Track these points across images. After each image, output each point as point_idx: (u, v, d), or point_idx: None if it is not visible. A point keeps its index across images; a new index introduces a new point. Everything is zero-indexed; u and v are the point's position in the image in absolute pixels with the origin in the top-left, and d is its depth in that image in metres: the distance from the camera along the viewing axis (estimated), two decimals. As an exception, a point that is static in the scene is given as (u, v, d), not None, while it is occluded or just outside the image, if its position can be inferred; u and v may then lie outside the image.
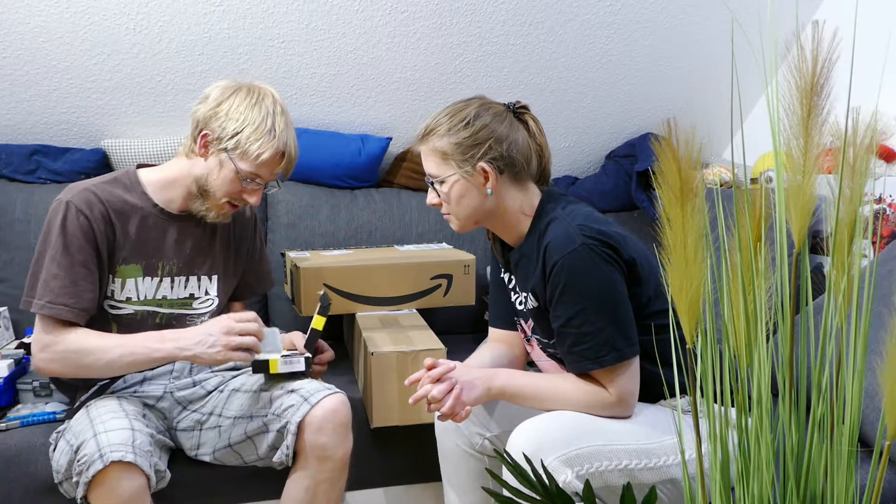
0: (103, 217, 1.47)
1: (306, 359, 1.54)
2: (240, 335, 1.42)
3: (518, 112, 1.43)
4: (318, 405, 1.45)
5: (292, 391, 1.49)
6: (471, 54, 2.34)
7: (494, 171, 1.36)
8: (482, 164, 1.35)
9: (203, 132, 1.48)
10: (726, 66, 2.48)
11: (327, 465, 1.46)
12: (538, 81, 2.44)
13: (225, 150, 1.47)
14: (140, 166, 1.59)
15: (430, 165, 1.40)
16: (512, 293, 1.51)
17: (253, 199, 1.53)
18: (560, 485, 1.23)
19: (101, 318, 1.51)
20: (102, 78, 2.16)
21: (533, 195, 1.43)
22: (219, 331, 1.42)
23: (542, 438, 1.26)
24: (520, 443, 1.27)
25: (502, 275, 1.55)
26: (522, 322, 1.50)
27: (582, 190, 2.53)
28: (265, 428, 1.48)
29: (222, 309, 1.67)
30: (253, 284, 1.77)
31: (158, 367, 1.56)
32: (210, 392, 1.60)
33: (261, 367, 1.51)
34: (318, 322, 1.58)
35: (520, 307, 1.48)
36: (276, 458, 1.48)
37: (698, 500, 0.79)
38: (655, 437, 1.30)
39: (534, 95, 2.48)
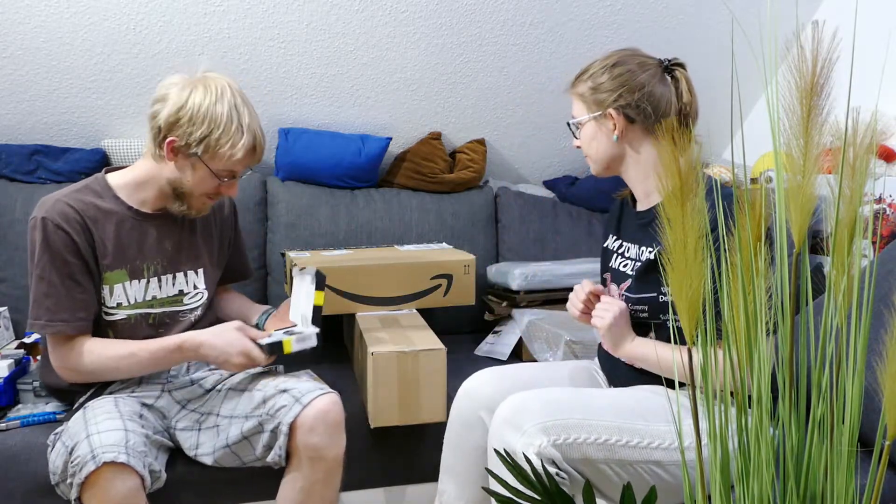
0: (81, 226, 1.47)
1: (317, 334, 1.54)
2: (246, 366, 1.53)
3: (671, 68, 1.45)
4: (310, 405, 1.45)
5: (285, 391, 1.49)
6: (471, 54, 2.34)
7: (622, 117, 1.40)
8: (611, 109, 1.40)
9: (169, 139, 1.46)
10: (726, 66, 2.48)
11: (320, 465, 1.47)
12: (538, 81, 2.44)
13: (196, 154, 1.46)
14: (108, 171, 1.58)
15: (574, 108, 1.48)
16: (618, 257, 1.53)
17: (231, 192, 1.55)
18: (536, 451, 1.24)
19: (97, 325, 1.51)
20: (102, 78, 2.16)
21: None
22: (238, 354, 1.49)
23: (524, 406, 1.30)
24: (503, 412, 1.31)
25: (611, 243, 1.57)
26: (615, 284, 1.52)
27: (582, 190, 2.53)
28: (261, 428, 1.48)
29: (212, 300, 1.69)
30: (238, 271, 1.83)
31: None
32: (208, 391, 1.60)
33: (275, 348, 1.51)
34: (319, 298, 1.58)
35: (623, 269, 1.50)
36: (269, 459, 1.48)
37: (698, 494, 0.79)
38: (644, 421, 1.31)
39: (534, 95, 2.48)
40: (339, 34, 2.22)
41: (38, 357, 1.87)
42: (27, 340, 1.89)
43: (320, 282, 1.59)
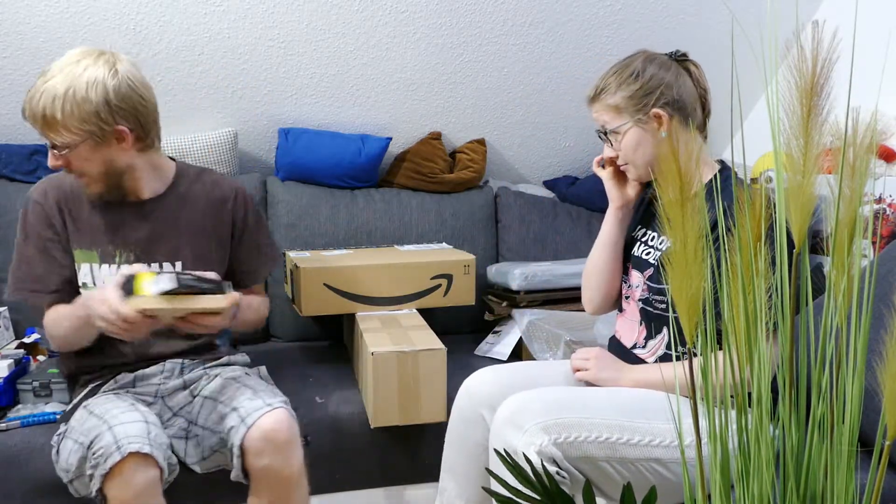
0: (56, 204, 1.53)
1: (177, 276, 1.32)
2: (113, 324, 1.33)
3: (679, 59, 1.48)
4: (255, 426, 1.38)
5: (234, 408, 1.44)
6: (471, 54, 2.34)
7: (667, 114, 1.41)
8: (655, 109, 1.41)
9: None
10: (726, 67, 2.48)
11: (277, 484, 1.42)
12: (538, 81, 2.44)
13: None
14: None
15: (604, 117, 1.47)
16: (641, 245, 1.54)
17: (49, 162, 1.44)
18: (537, 450, 1.24)
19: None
20: (102, 78, 2.16)
21: (705, 151, 1.51)
22: (105, 312, 1.32)
23: (525, 405, 1.31)
24: (504, 412, 1.31)
25: (636, 232, 1.59)
26: (637, 271, 1.53)
27: (582, 190, 2.53)
28: (224, 444, 1.46)
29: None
30: (257, 269, 1.69)
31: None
32: (195, 397, 1.58)
33: (128, 287, 1.33)
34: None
35: (646, 257, 1.51)
36: (232, 477, 1.44)
37: (698, 494, 0.79)
38: (644, 419, 1.32)
39: (534, 95, 2.48)
40: (339, 34, 2.22)
41: (39, 357, 1.87)
42: (27, 340, 1.89)
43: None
